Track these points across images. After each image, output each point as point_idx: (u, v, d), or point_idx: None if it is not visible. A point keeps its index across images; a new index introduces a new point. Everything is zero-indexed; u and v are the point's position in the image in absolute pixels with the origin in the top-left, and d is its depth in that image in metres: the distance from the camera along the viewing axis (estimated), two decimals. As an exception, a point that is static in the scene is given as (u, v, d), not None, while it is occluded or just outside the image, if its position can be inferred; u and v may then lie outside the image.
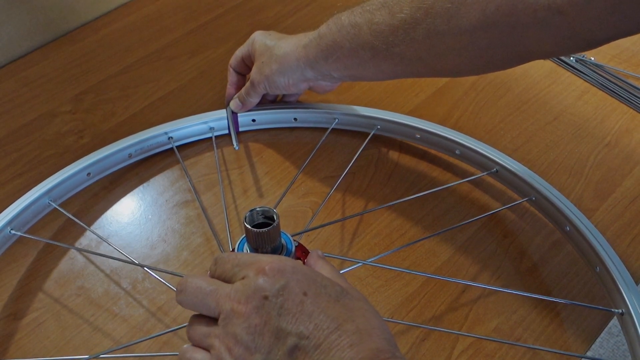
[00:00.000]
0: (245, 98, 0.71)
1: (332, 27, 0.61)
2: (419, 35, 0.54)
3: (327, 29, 0.62)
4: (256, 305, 0.38)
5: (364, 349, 0.36)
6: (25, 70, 0.83)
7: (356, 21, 0.59)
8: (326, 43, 0.62)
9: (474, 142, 0.68)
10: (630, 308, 0.54)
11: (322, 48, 0.62)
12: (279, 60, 0.66)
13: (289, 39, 0.67)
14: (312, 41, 0.63)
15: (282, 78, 0.66)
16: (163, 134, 0.70)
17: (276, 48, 0.66)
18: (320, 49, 0.62)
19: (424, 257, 0.63)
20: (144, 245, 0.64)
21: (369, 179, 0.70)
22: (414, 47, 0.56)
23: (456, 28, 0.52)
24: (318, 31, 0.63)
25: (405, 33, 0.55)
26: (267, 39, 0.68)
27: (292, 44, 0.65)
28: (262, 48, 0.68)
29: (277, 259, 0.40)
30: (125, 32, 0.89)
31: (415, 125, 0.70)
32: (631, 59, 0.85)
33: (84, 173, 0.66)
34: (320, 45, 0.62)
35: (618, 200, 0.68)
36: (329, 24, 0.62)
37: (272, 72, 0.66)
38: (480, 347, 0.56)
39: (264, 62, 0.67)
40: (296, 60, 0.65)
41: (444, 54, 0.55)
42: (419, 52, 0.56)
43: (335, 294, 0.39)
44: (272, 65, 0.66)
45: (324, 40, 0.62)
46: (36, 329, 0.58)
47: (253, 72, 0.69)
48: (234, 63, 0.74)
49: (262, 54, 0.68)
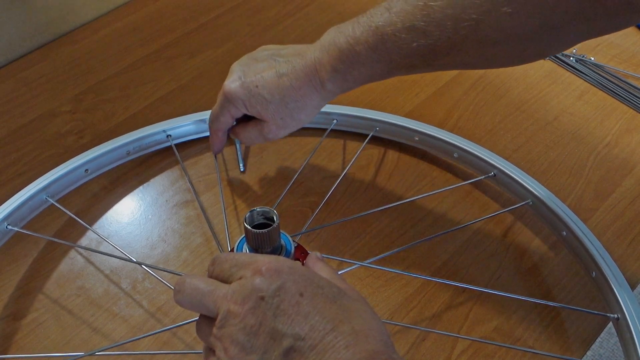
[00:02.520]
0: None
1: (344, 54, 0.54)
2: (466, 48, 0.49)
3: (337, 58, 0.54)
4: (252, 306, 0.37)
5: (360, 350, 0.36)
6: (25, 70, 0.83)
7: (376, 45, 0.52)
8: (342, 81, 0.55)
9: (472, 146, 0.68)
10: (625, 313, 0.54)
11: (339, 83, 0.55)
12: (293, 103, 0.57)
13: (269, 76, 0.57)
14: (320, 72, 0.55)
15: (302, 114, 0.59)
16: (161, 131, 0.70)
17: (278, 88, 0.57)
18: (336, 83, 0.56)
19: (424, 258, 0.63)
20: (144, 245, 0.64)
21: (369, 180, 0.70)
22: (459, 58, 0.51)
23: (514, 35, 0.47)
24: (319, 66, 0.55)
25: (449, 49, 0.50)
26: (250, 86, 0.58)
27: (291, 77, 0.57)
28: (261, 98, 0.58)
29: (274, 259, 0.40)
30: (125, 32, 0.89)
31: (414, 127, 0.70)
32: (631, 59, 0.85)
33: (82, 169, 0.66)
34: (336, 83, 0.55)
35: (618, 200, 0.68)
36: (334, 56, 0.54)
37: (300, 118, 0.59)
38: (480, 348, 0.56)
39: (282, 118, 0.59)
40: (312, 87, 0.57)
41: (495, 57, 0.51)
42: (465, 59, 0.51)
43: (332, 294, 0.39)
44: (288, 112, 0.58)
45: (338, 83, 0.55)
46: (36, 329, 0.58)
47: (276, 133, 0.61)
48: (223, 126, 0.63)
49: (274, 108, 0.58)
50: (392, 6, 0.51)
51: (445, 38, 0.49)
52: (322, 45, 0.55)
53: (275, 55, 0.59)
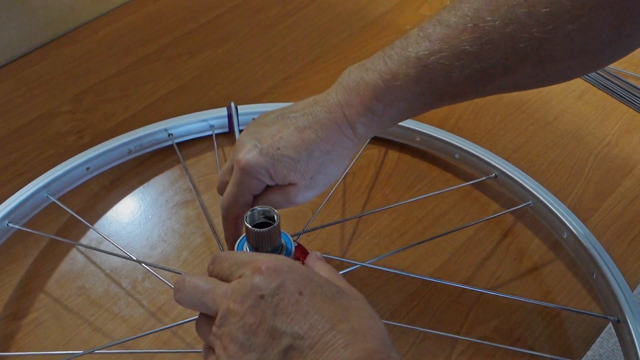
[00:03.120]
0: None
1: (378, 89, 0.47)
2: (524, 68, 0.45)
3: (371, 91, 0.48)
4: (252, 305, 0.37)
5: (359, 349, 0.36)
6: (25, 70, 0.83)
7: (419, 77, 0.46)
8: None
9: (474, 147, 0.68)
10: (626, 316, 0.54)
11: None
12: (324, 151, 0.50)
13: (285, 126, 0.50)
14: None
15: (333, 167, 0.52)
16: (163, 130, 0.70)
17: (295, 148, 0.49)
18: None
19: (424, 258, 0.63)
20: (144, 245, 0.64)
21: (369, 179, 0.70)
22: (513, 79, 0.46)
23: (582, 50, 0.43)
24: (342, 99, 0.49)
25: (505, 71, 0.45)
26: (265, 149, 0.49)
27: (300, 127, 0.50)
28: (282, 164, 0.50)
29: (274, 258, 0.40)
30: (125, 32, 0.89)
31: (415, 128, 0.70)
32: (631, 59, 0.85)
33: (83, 167, 0.66)
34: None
35: (618, 200, 0.68)
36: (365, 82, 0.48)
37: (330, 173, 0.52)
38: (480, 348, 0.56)
39: (312, 177, 0.51)
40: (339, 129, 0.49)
41: (554, 75, 0.46)
42: (520, 81, 0.46)
43: (331, 293, 0.39)
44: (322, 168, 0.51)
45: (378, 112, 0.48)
46: (36, 328, 0.58)
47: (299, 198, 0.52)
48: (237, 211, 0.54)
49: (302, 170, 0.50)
50: (430, 33, 0.45)
51: (502, 60, 0.44)
52: (345, 86, 0.49)
53: (286, 113, 0.51)
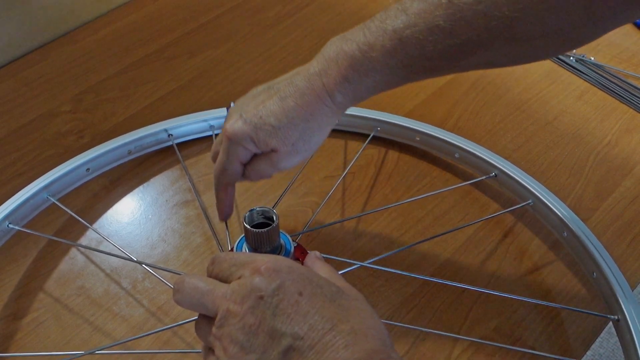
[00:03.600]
0: None
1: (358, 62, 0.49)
2: (496, 46, 0.46)
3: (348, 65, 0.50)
4: (251, 305, 0.37)
5: (359, 349, 0.36)
6: (25, 70, 0.83)
7: (394, 50, 0.48)
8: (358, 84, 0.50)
9: (474, 146, 0.68)
10: (626, 315, 0.54)
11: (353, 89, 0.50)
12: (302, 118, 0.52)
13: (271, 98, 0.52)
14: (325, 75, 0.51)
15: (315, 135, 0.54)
16: (163, 130, 0.70)
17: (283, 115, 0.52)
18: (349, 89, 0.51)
19: (424, 258, 0.63)
20: (144, 245, 0.64)
21: (369, 179, 0.70)
22: (486, 57, 0.47)
23: (552, 31, 0.44)
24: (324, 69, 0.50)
25: (477, 48, 0.46)
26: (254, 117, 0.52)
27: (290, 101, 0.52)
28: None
29: (273, 258, 0.40)
30: (125, 32, 0.89)
31: (415, 128, 0.70)
32: (631, 59, 0.85)
33: (83, 168, 0.66)
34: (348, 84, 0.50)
35: (618, 200, 0.68)
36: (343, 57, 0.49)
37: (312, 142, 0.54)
38: (480, 347, 0.56)
39: (293, 143, 0.53)
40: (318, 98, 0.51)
41: (526, 53, 0.48)
42: (493, 58, 0.48)
43: (330, 294, 0.39)
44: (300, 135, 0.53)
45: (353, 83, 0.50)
46: (36, 328, 0.58)
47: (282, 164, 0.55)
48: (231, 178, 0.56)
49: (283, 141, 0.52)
50: (407, 7, 0.47)
51: (474, 37, 0.45)
52: (326, 57, 0.51)
53: (271, 85, 0.54)
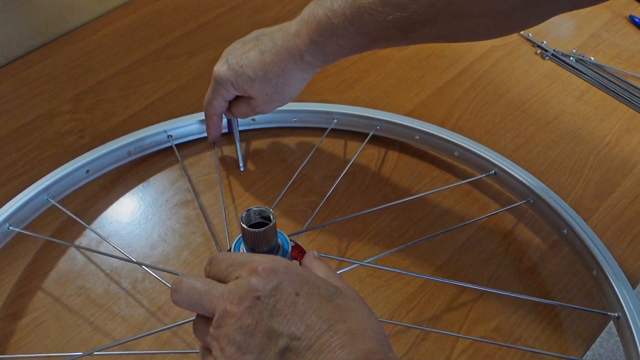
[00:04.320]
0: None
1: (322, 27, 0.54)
2: (442, 21, 0.50)
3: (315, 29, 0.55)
4: (248, 306, 0.37)
5: (356, 349, 0.36)
6: (25, 70, 0.84)
7: (353, 18, 0.52)
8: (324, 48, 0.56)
9: (473, 144, 0.68)
10: (626, 312, 0.54)
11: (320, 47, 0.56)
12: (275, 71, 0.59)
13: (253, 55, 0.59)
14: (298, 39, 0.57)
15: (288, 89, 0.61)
16: (162, 132, 0.70)
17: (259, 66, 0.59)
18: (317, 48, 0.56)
19: (424, 257, 0.63)
20: (144, 245, 0.64)
21: (369, 179, 0.70)
22: (436, 30, 0.51)
23: (492, 10, 0.48)
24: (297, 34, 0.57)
25: (425, 22, 0.50)
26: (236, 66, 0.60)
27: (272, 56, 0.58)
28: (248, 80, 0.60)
29: (270, 259, 0.40)
30: (125, 32, 0.89)
31: (414, 126, 0.70)
32: (631, 59, 0.85)
33: (83, 170, 0.66)
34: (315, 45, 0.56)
35: (618, 200, 0.68)
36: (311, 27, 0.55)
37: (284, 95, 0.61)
38: (480, 347, 0.56)
39: (267, 93, 0.61)
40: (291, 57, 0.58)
41: (472, 31, 0.51)
42: (442, 32, 0.52)
43: (328, 294, 0.39)
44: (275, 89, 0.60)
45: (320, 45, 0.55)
46: (36, 328, 0.58)
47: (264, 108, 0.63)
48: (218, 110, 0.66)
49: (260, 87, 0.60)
50: None
51: (420, 11, 0.49)
52: (301, 18, 0.56)
53: (260, 35, 0.61)
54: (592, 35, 0.89)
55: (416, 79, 0.82)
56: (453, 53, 0.85)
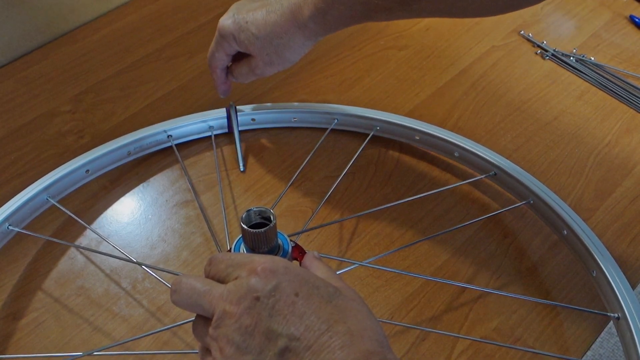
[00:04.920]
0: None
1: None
2: None
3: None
4: (248, 306, 0.37)
5: (355, 350, 0.36)
6: (25, 70, 0.83)
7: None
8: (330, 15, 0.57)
9: (473, 145, 0.68)
10: (626, 313, 0.54)
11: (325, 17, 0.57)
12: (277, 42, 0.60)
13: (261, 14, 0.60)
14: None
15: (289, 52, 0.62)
16: (162, 131, 0.70)
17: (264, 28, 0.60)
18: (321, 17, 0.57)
19: (424, 258, 0.63)
20: (144, 245, 0.64)
21: (369, 179, 0.70)
22: (433, 4, 0.53)
23: None
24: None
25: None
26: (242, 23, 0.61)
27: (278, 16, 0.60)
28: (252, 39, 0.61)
29: (270, 259, 0.40)
30: (125, 32, 0.89)
31: (414, 127, 0.70)
32: (631, 59, 0.85)
33: (83, 170, 0.66)
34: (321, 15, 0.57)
35: (618, 200, 0.68)
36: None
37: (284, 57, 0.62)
38: (480, 347, 0.56)
39: (268, 54, 0.62)
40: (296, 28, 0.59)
41: (469, 6, 0.53)
42: (439, 7, 0.53)
43: (327, 294, 0.39)
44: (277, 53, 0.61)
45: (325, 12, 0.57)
46: (36, 328, 0.58)
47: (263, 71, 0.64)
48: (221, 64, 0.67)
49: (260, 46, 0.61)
50: None
51: None
52: None
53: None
54: (592, 35, 0.89)
55: (416, 79, 0.82)
56: (453, 53, 0.85)
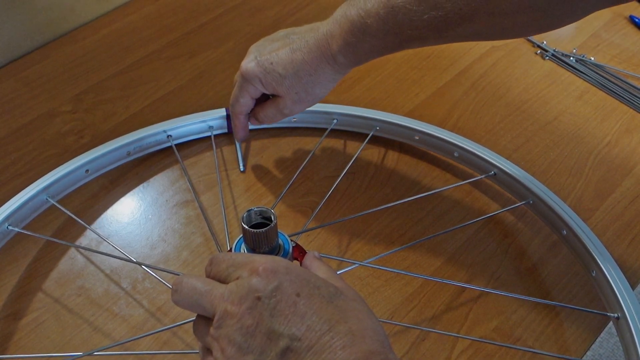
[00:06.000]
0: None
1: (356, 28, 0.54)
2: (477, 19, 0.49)
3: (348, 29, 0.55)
4: (249, 306, 0.37)
5: (356, 350, 0.36)
6: (25, 70, 0.83)
7: (387, 17, 0.52)
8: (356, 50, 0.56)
9: (473, 145, 0.68)
10: (625, 312, 0.54)
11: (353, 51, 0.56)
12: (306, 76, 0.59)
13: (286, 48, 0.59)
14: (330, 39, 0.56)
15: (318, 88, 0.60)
16: (162, 132, 0.70)
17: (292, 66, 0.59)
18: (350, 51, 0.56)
19: (424, 258, 0.63)
20: (144, 245, 0.64)
21: (369, 179, 0.70)
22: (471, 29, 0.50)
23: (527, 6, 0.47)
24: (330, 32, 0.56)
25: (460, 20, 0.50)
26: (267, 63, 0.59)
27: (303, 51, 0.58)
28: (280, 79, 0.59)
29: (271, 259, 0.40)
30: (125, 32, 0.89)
31: (414, 127, 0.70)
32: (631, 59, 0.85)
33: (83, 170, 0.66)
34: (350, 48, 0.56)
35: (618, 200, 0.68)
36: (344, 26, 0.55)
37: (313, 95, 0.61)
38: (480, 347, 0.56)
39: (297, 92, 0.60)
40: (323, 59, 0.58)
41: (509, 28, 0.50)
42: (477, 30, 0.51)
43: (328, 294, 0.39)
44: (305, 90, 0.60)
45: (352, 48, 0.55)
46: (36, 328, 0.58)
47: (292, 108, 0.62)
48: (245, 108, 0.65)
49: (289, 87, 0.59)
50: None
51: (457, 10, 0.49)
52: (334, 18, 0.56)
53: (289, 34, 0.60)
54: (592, 35, 0.89)
55: (416, 79, 0.82)
56: (453, 53, 0.85)
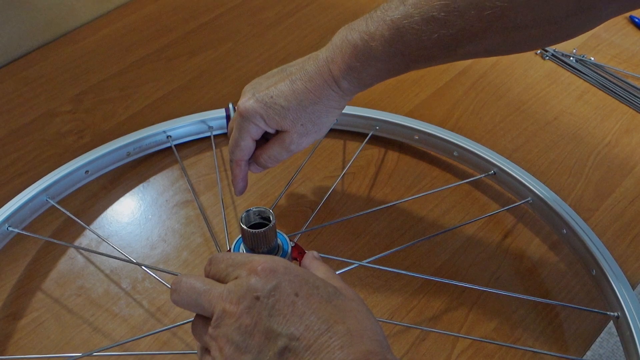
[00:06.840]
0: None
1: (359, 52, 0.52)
2: (490, 35, 0.47)
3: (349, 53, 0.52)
4: (247, 306, 0.38)
5: (354, 351, 0.36)
6: (25, 70, 0.84)
7: (392, 39, 0.50)
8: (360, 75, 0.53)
9: (472, 144, 0.68)
10: (625, 311, 0.54)
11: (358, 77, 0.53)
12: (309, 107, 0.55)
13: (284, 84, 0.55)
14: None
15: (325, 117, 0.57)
16: (162, 132, 0.70)
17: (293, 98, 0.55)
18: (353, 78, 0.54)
19: (424, 258, 0.63)
20: (144, 245, 0.64)
21: (369, 179, 0.70)
22: (483, 45, 0.48)
23: (543, 19, 0.45)
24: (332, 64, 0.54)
25: (472, 37, 0.47)
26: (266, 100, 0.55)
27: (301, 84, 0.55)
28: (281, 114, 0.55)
29: (270, 259, 0.40)
30: (125, 32, 0.89)
31: (413, 126, 0.70)
32: (631, 59, 0.85)
33: (82, 171, 0.66)
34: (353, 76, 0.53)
35: (618, 200, 0.68)
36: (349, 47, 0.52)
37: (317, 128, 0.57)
38: (480, 347, 0.56)
39: (303, 124, 0.56)
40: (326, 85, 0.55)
41: (521, 42, 0.48)
42: (489, 46, 0.49)
43: (327, 294, 0.39)
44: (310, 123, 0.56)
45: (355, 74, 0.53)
46: (36, 329, 0.58)
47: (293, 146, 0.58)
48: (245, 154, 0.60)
49: (293, 120, 0.56)
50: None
51: (468, 27, 0.47)
52: (333, 45, 0.54)
53: (285, 68, 0.57)
54: (592, 35, 0.89)
55: (416, 79, 0.82)
56: (453, 53, 0.85)
